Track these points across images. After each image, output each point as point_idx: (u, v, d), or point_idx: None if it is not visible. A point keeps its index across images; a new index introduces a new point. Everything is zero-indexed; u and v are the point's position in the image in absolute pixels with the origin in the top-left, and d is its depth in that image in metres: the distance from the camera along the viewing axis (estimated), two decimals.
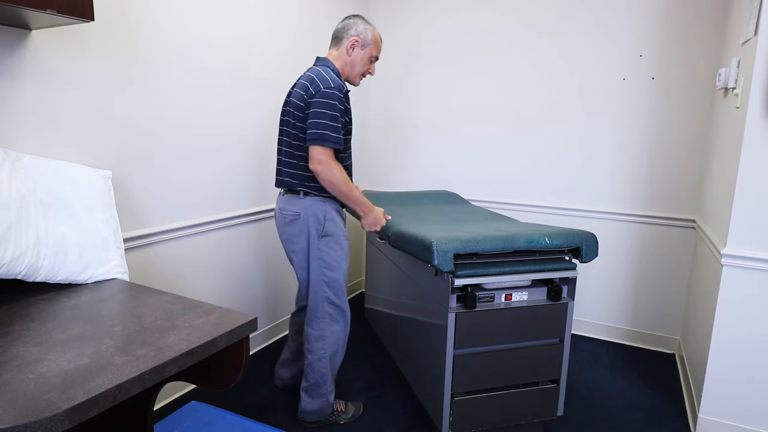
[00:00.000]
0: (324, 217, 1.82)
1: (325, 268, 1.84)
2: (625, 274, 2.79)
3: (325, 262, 1.84)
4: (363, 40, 1.83)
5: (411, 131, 3.27)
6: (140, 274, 1.87)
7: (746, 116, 1.75)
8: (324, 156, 1.70)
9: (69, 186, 1.39)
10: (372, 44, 1.85)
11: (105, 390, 0.80)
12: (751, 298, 1.83)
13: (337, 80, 1.74)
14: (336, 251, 1.85)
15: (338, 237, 1.86)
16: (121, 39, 1.73)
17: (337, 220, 1.86)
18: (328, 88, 1.70)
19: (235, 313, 1.12)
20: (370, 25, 1.84)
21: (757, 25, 1.70)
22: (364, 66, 1.88)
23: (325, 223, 1.82)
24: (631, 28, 2.59)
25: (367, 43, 1.84)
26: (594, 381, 2.40)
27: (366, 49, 1.85)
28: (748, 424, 1.89)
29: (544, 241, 1.72)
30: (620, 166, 2.71)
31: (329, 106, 1.69)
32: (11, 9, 1.17)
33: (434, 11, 3.08)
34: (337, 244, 1.85)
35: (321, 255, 1.83)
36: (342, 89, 1.74)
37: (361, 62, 1.86)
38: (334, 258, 1.85)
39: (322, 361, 1.90)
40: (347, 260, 1.90)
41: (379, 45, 1.88)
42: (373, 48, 1.86)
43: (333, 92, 1.70)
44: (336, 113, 1.70)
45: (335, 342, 1.93)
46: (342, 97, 1.73)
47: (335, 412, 1.99)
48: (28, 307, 1.16)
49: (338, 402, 2.03)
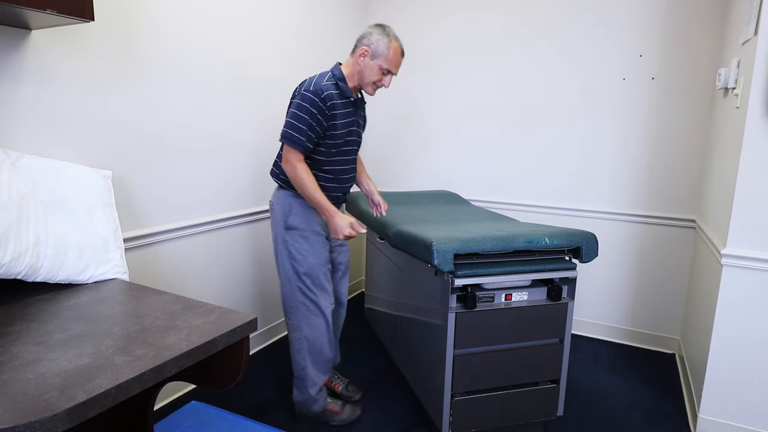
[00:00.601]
0: (288, 210, 1.87)
1: (291, 259, 1.89)
2: (625, 274, 2.79)
3: (291, 254, 1.88)
4: (373, 51, 1.78)
5: (411, 131, 3.27)
6: (140, 274, 1.87)
7: (746, 116, 1.75)
8: (289, 155, 1.75)
9: (69, 186, 1.39)
10: (383, 56, 1.77)
11: (105, 390, 0.80)
12: (751, 298, 1.83)
13: (321, 84, 1.74)
14: (301, 245, 1.87)
15: (305, 232, 1.87)
16: (121, 39, 1.73)
17: (303, 215, 1.87)
18: (306, 90, 1.73)
19: (235, 313, 1.12)
20: (387, 37, 1.77)
21: (757, 25, 1.70)
22: (373, 76, 1.81)
23: (288, 216, 1.87)
24: (631, 28, 2.59)
25: (378, 54, 1.78)
26: (594, 381, 2.40)
27: (376, 60, 1.78)
28: (748, 424, 1.89)
29: (544, 241, 1.72)
30: (620, 166, 2.71)
31: (299, 108, 1.73)
32: (11, 9, 1.17)
33: (434, 11, 3.08)
34: (303, 238, 1.87)
35: (287, 246, 1.89)
36: (320, 94, 1.72)
37: (370, 72, 1.80)
38: (299, 251, 1.87)
39: (301, 353, 1.93)
40: (318, 257, 1.89)
41: (394, 59, 1.79)
42: (383, 60, 1.78)
43: (308, 95, 1.72)
44: (305, 116, 1.72)
45: (313, 335, 1.92)
46: (318, 101, 1.72)
47: (328, 412, 1.99)
48: (28, 307, 1.16)
49: (334, 402, 2.03)
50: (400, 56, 1.82)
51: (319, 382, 1.97)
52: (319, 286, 1.90)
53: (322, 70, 1.87)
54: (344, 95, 1.81)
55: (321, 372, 1.98)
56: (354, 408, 2.04)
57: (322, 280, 1.90)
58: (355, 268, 3.50)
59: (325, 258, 1.92)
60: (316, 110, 1.73)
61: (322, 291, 1.91)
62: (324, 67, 2.85)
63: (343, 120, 1.82)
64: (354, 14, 3.14)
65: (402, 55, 1.83)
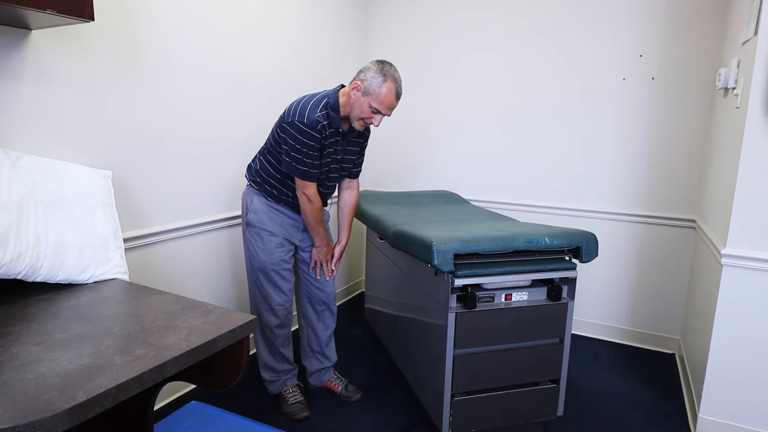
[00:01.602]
0: (248, 207, 1.95)
1: (248, 253, 1.98)
2: (625, 274, 2.79)
3: (248, 249, 1.97)
4: (365, 87, 1.72)
5: (411, 131, 3.27)
6: (140, 274, 1.87)
7: (746, 116, 1.75)
8: (306, 189, 1.83)
9: (69, 186, 1.39)
10: (374, 95, 1.71)
11: (105, 390, 0.80)
12: (751, 298, 1.83)
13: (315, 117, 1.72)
14: (256, 242, 1.93)
15: (259, 230, 1.92)
16: (120, 39, 1.73)
17: (260, 214, 1.92)
18: (302, 123, 1.72)
19: (235, 313, 1.12)
20: (382, 76, 1.70)
21: (757, 25, 1.70)
22: (362, 113, 1.75)
23: (248, 212, 1.94)
24: (631, 28, 2.59)
25: (370, 92, 1.71)
26: (594, 381, 2.40)
27: (367, 97, 1.72)
28: (748, 424, 1.89)
29: (544, 241, 1.72)
30: (620, 166, 2.71)
31: (301, 143, 1.74)
32: (11, 9, 1.17)
33: (433, 11, 3.08)
34: (257, 235, 1.93)
35: (246, 241, 1.98)
36: (316, 127, 1.72)
37: (359, 108, 1.75)
38: (255, 247, 1.94)
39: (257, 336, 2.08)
40: (269, 256, 1.92)
41: (386, 100, 1.72)
42: (374, 99, 1.71)
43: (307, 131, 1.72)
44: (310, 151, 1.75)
45: (265, 325, 2.01)
46: (316, 134, 1.73)
47: (281, 397, 2.09)
48: (28, 307, 1.16)
49: (292, 395, 2.08)
50: (394, 98, 1.74)
51: (271, 366, 2.08)
52: (271, 282, 1.95)
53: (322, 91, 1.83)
54: (332, 126, 1.80)
55: (274, 359, 2.08)
56: (302, 408, 2.03)
57: (273, 277, 1.95)
58: (355, 268, 3.50)
59: (278, 258, 1.94)
60: (316, 142, 1.76)
61: (273, 287, 1.96)
62: (322, 69, 2.88)
63: (330, 149, 1.85)
64: (354, 14, 3.14)
65: (397, 97, 1.75)
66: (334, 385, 2.20)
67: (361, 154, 2.04)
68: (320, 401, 2.14)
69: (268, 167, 1.90)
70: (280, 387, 2.10)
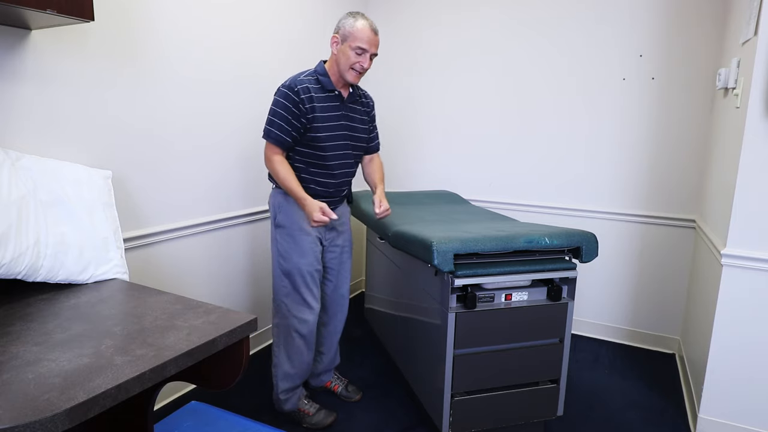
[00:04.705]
0: (277, 208, 1.89)
1: (279, 257, 1.90)
2: (625, 274, 2.79)
3: (279, 252, 1.90)
4: (342, 35, 1.74)
5: (411, 131, 3.27)
6: (140, 274, 1.87)
7: (746, 116, 1.75)
8: (266, 150, 1.81)
9: (69, 186, 1.39)
10: (352, 36, 1.72)
11: (105, 390, 0.80)
12: (751, 298, 1.83)
13: (297, 79, 1.77)
14: (288, 243, 1.87)
15: (291, 230, 1.87)
16: (120, 39, 1.73)
17: (290, 214, 1.87)
18: (283, 86, 1.76)
19: (235, 313, 1.12)
20: (356, 17, 1.73)
21: (757, 25, 1.70)
22: (349, 60, 1.74)
23: (277, 214, 1.89)
24: (631, 28, 2.59)
25: (347, 36, 1.73)
26: (594, 381, 2.40)
27: (346, 43, 1.73)
28: (748, 424, 1.89)
29: (544, 241, 1.72)
30: (620, 166, 2.71)
31: (275, 103, 1.76)
32: (11, 9, 1.17)
33: (433, 10, 3.08)
34: (289, 236, 1.87)
35: (276, 245, 1.91)
36: (293, 87, 1.74)
37: (345, 57, 1.74)
38: (286, 249, 1.88)
39: (276, 348, 1.97)
40: (303, 256, 1.86)
41: (363, 36, 1.72)
42: (353, 39, 1.71)
43: (282, 90, 1.76)
44: (279, 109, 1.75)
45: (288, 335, 1.92)
46: (291, 95, 1.74)
47: (300, 413, 1.99)
48: (28, 307, 1.16)
49: (310, 404, 2.00)
50: (371, 33, 1.74)
51: (290, 383, 1.96)
52: (305, 285, 1.88)
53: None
54: (326, 89, 1.79)
55: (295, 373, 1.96)
56: (327, 414, 2.00)
57: (307, 279, 1.88)
58: (355, 268, 3.50)
59: (313, 258, 1.89)
60: (291, 103, 1.73)
61: (307, 290, 1.89)
62: None
63: (325, 114, 1.79)
64: None
65: (374, 33, 1.75)
66: (334, 386, 2.20)
67: (371, 125, 2.03)
68: (320, 402, 2.14)
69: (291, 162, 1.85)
70: (295, 403, 1.99)
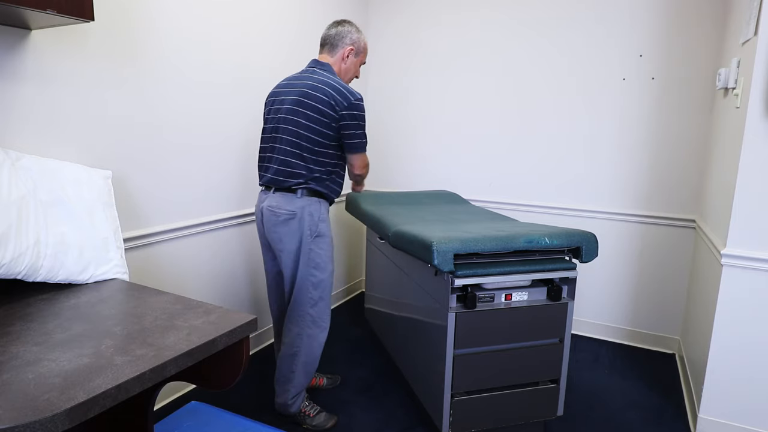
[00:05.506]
0: (318, 217, 1.84)
1: (314, 268, 1.86)
2: (625, 274, 2.79)
3: (315, 262, 1.86)
4: (357, 49, 1.92)
5: (411, 131, 3.27)
6: (140, 274, 1.87)
7: (746, 116, 1.75)
8: (365, 158, 1.90)
9: (69, 186, 1.39)
10: (363, 51, 1.96)
11: (105, 390, 0.80)
12: (751, 298, 1.83)
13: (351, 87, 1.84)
14: (326, 252, 1.88)
15: (328, 238, 1.89)
16: (120, 39, 1.73)
17: (328, 222, 1.90)
18: (359, 98, 1.80)
19: (235, 313, 1.12)
20: (359, 33, 1.92)
21: (757, 25, 1.70)
22: (355, 72, 1.97)
23: (319, 223, 1.85)
24: (631, 28, 2.59)
25: (360, 51, 1.94)
26: (594, 381, 2.40)
27: (359, 57, 1.95)
28: (748, 424, 1.89)
29: (544, 241, 1.72)
30: (620, 166, 2.71)
31: (363, 118, 1.82)
32: (11, 9, 1.17)
33: (433, 10, 3.08)
34: (327, 245, 1.88)
35: (312, 255, 1.85)
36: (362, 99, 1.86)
37: (354, 69, 1.96)
38: (324, 259, 1.87)
39: (294, 357, 1.92)
40: (333, 263, 1.94)
41: (366, 50, 1.99)
42: (364, 55, 1.97)
43: (362, 104, 1.81)
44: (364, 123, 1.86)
45: (310, 345, 1.92)
46: None
47: (303, 414, 1.98)
48: (28, 307, 1.16)
49: (312, 406, 2.00)
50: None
51: (301, 389, 1.97)
52: (330, 293, 1.93)
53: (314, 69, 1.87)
54: None
55: (307, 380, 1.97)
56: (328, 417, 2.00)
57: (330, 286, 1.93)
58: (355, 268, 3.50)
59: None
60: None
61: (329, 298, 1.94)
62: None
63: None
64: (354, 15, 3.14)
65: None
66: (319, 380, 2.24)
67: None
68: (320, 402, 2.14)
69: (325, 162, 1.81)
70: (300, 404, 2.00)
